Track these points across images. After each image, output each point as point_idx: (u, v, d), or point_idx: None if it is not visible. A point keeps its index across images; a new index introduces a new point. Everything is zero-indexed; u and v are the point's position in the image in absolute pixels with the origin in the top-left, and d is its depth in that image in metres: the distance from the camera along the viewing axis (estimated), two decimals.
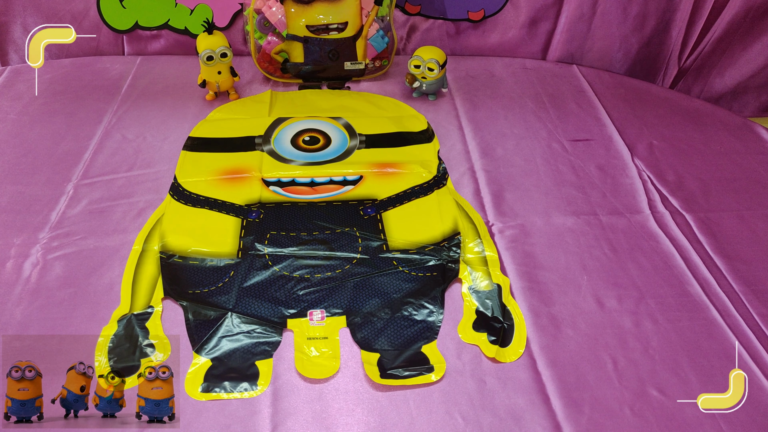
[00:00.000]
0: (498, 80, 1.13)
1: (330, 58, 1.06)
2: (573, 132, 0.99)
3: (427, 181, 0.85)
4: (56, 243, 0.74)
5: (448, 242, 0.76)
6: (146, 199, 0.82)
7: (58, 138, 0.93)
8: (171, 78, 1.09)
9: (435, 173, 0.86)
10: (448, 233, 0.77)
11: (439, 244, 0.75)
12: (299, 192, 0.83)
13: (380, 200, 0.81)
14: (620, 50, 1.20)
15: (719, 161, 0.94)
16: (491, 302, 0.69)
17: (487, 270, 0.73)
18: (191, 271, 0.70)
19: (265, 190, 0.82)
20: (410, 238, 0.76)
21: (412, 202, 0.82)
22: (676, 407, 0.60)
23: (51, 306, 0.67)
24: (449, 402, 0.60)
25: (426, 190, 0.84)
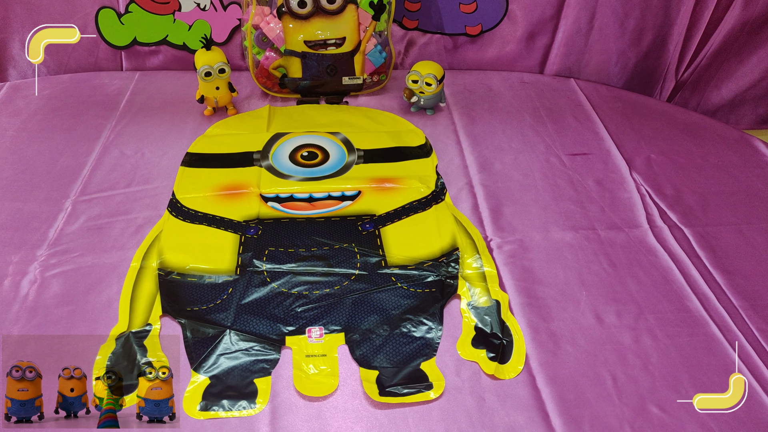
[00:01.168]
0: (495, 94, 1.13)
1: (328, 73, 1.07)
2: (571, 146, 0.99)
3: (426, 196, 0.85)
4: (54, 260, 0.74)
5: (447, 258, 0.75)
6: (144, 215, 0.82)
7: (57, 154, 0.93)
8: (169, 93, 1.10)
9: (433, 188, 0.86)
10: (447, 249, 0.77)
11: (437, 259, 0.75)
12: (297, 207, 0.83)
13: (378, 215, 0.81)
14: (617, 64, 1.20)
15: (717, 175, 0.94)
16: (490, 318, 0.69)
17: (485, 286, 0.72)
18: (189, 288, 0.70)
19: (264, 206, 0.82)
20: (409, 254, 0.76)
21: (411, 217, 0.82)
22: (676, 424, 0.60)
23: (49, 324, 0.66)
24: (448, 420, 0.59)
25: (424, 205, 0.84)
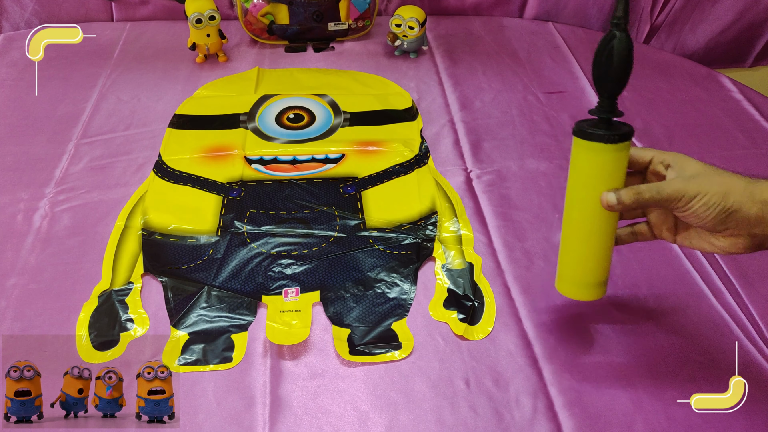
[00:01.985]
0: (476, 38, 1.17)
1: (314, 19, 1.10)
2: (547, 85, 1.04)
3: (409, 159, 0.87)
4: (62, 197, 0.79)
5: (425, 221, 0.77)
6: (144, 155, 0.86)
7: (56, 101, 0.97)
8: (161, 43, 1.13)
9: (417, 152, 0.88)
10: (426, 212, 0.78)
11: (416, 222, 0.77)
12: (281, 170, 0.84)
13: (360, 178, 0.83)
14: (594, 6, 1.24)
15: (683, 109, 1.00)
16: (463, 281, 0.70)
17: (460, 249, 0.74)
18: (171, 248, 0.73)
19: (247, 168, 0.84)
20: (388, 217, 0.77)
21: (392, 180, 0.83)
22: (633, 324, 0.67)
23: (62, 252, 0.72)
24: (428, 339, 0.66)
25: (407, 169, 0.85)
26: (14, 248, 0.72)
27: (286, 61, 1.10)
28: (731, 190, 0.48)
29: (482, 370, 0.62)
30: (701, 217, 0.48)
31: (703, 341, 0.65)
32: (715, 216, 0.47)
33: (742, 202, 0.47)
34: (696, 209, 0.48)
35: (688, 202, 0.48)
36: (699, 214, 0.48)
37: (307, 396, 0.59)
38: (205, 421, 0.56)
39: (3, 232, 0.74)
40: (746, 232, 0.49)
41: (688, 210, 0.48)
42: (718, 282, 0.71)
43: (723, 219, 0.48)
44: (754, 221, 0.47)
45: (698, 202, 0.47)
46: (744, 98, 1.03)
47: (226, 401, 0.58)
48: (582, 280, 0.59)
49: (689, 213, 0.48)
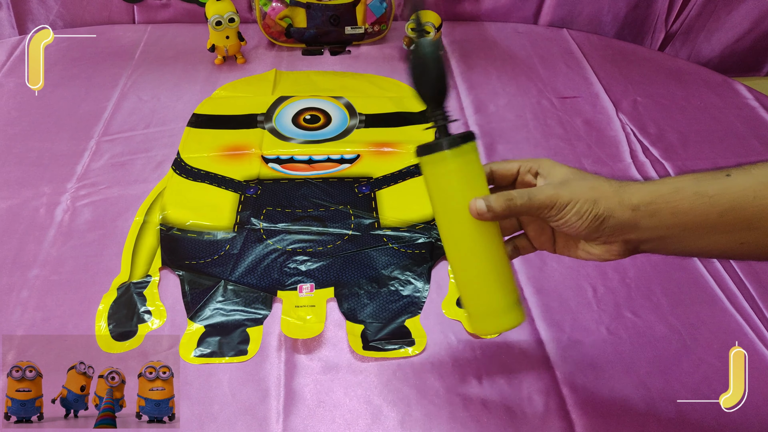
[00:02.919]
0: (491, 43, 1.18)
1: (331, 23, 1.12)
2: (561, 90, 1.05)
3: None
4: (83, 192, 0.81)
5: None
6: (164, 153, 0.88)
7: (78, 100, 0.99)
8: (181, 44, 1.15)
9: None
10: None
11: (429, 222, 0.78)
12: (297, 169, 0.86)
13: (375, 179, 0.84)
14: (609, 13, 1.25)
15: (698, 115, 1.00)
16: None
17: None
18: (189, 243, 0.74)
19: (264, 167, 0.86)
20: (402, 217, 0.78)
21: (407, 181, 0.84)
22: (646, 326, 0.67)
23: (83, 246, 0.73)
24: (441, 336, 0.67)
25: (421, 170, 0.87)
26: (36, 241, 0.73)
27: (303, 63, 1.11)
28: (601, 196, 0.46)
29: (495, 368, 0.62)
30: (574, 226, 0.46)
31: (716, 344, 0.65)
32: (588, 224, 0.45)
33: (613, 208, 0.45)
34: (569, 218, 0.46)
35: (561, 210, 0.46)
36: (572, 223, 0.46)
37: (321, 389, 0.59)
38: (220, 412, 0.57)
39: (26, 225, 0.75)
40: (620, 239, 0.47)
41: (560, 219, 0.46)
42: (732, 285, 0.71)
43: (596, 227, 0.46)
44: (626, 227, 0.46)
45: (570, 209, 0.45)
46: (759, 105, 1.02)
47: (241, 393, 0.59)
48: (489, 308, 0.50)
49: (562, 222, 0.46)
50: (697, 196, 0.44)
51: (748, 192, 0.43)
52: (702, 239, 0.45)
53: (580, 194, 0.46)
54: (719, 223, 0.44)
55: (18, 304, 0.66)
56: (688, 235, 0.45)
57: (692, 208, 0.44)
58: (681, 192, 0.45)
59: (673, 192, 0.45)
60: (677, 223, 0.45)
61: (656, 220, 0.45)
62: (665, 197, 0.45)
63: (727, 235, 0.44)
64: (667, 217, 0.45)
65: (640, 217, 0.45)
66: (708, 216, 0.44)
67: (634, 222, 0.45)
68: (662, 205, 0.45)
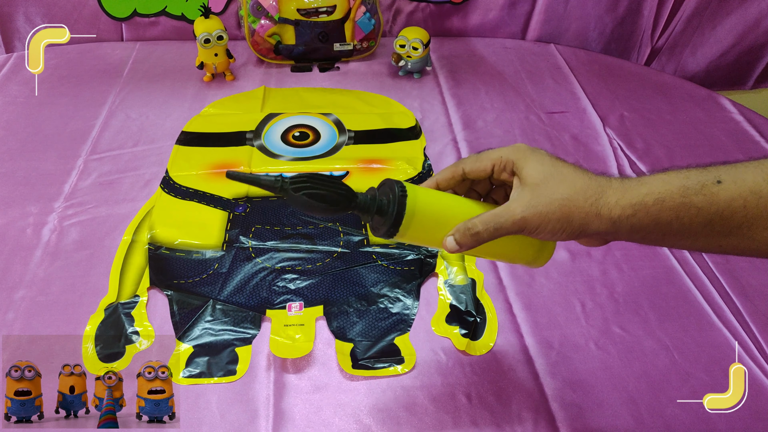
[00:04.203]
0: (479, 59, 1.19)
1: (320, 39, 1.12)
2: (549, 105, 1.06)
3: (412, 177, 0.88)
4: (71, 211, 0.80)
5: None
6: (152, 171, 0.88)
7: (66, 118, 0.99)
8: (169, 62, 1.15)
9: (420, 169, 0.89)
10: None
11: None
12: None
13: None
14: (595, 30, 1.27)
15: (684, 129, 1.01)
16: (465, 296, 0.71)
17: (463, 265, 0.75)
18: (178, 262, 0.74)
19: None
20: None
21: None
22: (635, 341, 0.67)
23: (70, 266, 0.73)
24: (431, 354, 0.66)
25: None
26: (23, 261, 0.73)
27: (292, 80, 1.12)
28: (575, 211, 0.44)
29: (484, 385, 0.62)
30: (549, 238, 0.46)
31: (704, 358, 0.65)
32: (565, 237, 0.45)
33: (589, 221, 0.44)
34: (542, 236, 0.45)
35: (532, 232, 0.45)
36: (547, 237, 0.46)
37: (310, 409, 0.59)
38: None
39: (12, 246, 0.75)
40: (597, 239, 0.48)
41: (533, 235, 0.46)
42: (719, 299, 0.72)
43: (573, 238, 0.46)
44: (604, 234, 0.45)
45: (543, 229, 0.45)
46: (744, 119, 1.04)
47: (229, 414, 0.58)
48: (527, 255, 0.52)
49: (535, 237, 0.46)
50: (683, 206, 0.43)
51: (737, 202, 0.42)
52: (681, 242, 0.45)
53: (551, 214, 0.44)
54: (702, 231, 0.43)
55: (3, 326, 0.65)
56: (667, 239, 0.45)
57: (676, 218, 0.43)
58: (666, 202, 0.43)
59: (657, 202, 0.43)
60: (658, 230, 0.44)
61: (636, 228, 0.44)
62: (647, 208, 0.44)
63: (708, 239, 0.43)
64: (647, 225, 0.44)
65: (619, 227, 0.44)
66: (691, 225, 0.43)
67: (614, 230, 0.45)
68: (644, 217, 0.44)
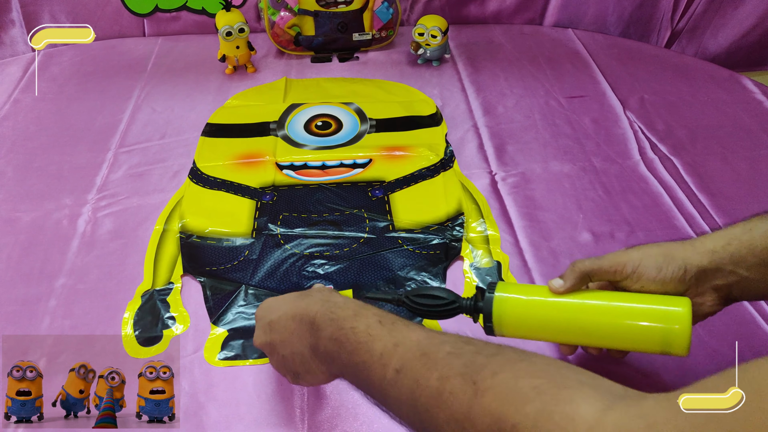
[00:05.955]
0: (497, 45, 1.20)
1: (339, 30, 1.14)
2: (569, 90, 1.06)
3: (434, 163, 0.89)
4: (104, 203, 0.83)
5: (452, 222, 0.79)
6: (180, 162, 0.90)
7: (94, 113, 1.01)
8: (192, 56, 1.17)
9: (442, 156, 0.90)
10: (453, 213, 0.80)
11: (443, 224, 0.79)
12: (311, 175, 0.87)
13: (388, 182, 0.86)
14: (614, 13, 1.26)
15: (706, 110, 1.01)
16: (491, 279, 0.72)
17: (488, 248, 0.76)
18: (209, 250, 0.75)
19: (279, 174, 0.87)
20: (416, 219, 0.80)
21: (419, 184, 0.86)
22: None
23: (106, 255, 0.75)
24: None
25: (433, 173, 0.87)
26: (61, 251, 0.75)
27: (312, 71, 1.13)
28: (673, 250, 0.47)
29: None
30: (658, 279, 0.46)
31: (729, 336, 0.66)
32: (672, 275, 0.46)
33: (689, 256, 0.46)
34: (648, 272, 0.46)
35: (636, 267, 0.47)
36: (653, 276, 0.46)
37: (343, 387, 0.61)
38: (247, 413, 0.58)
39: (51, 237, 0.77)
40: (708, 287, 0.47)
41: (640, 275, 0.47)
42: None
43: (680, 277, 0.46)
44: (710, 272, 0.46)
45: (647, 265, 0.46)
46: (767, 99, 1.03)
47: (265, 393, 0.60)
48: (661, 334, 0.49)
49: (645, 277, 0.47)
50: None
51: None
52: None
53: (650, 251, 0.48)
54: None
55: (46, 312, 0.68)
56: None
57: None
58: (754, 231, 0.46)
59: (747, 231, 0.46)
60: (759, 261, 0.46)
61: (737, 259, 0.46)
62: (739, 237, 0.46)
63: None
64: (746, 255, 0.46)
65: (720, 259, 0.46)
66: None
67: (716, 266, 0.46)
68: (738, 245, 0.46)
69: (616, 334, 0.48)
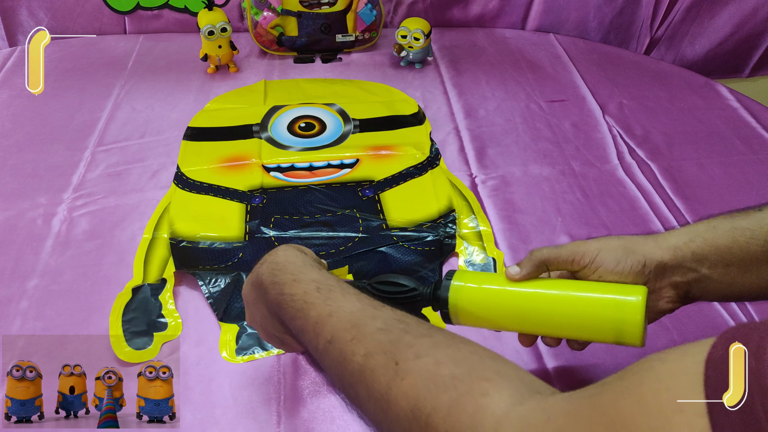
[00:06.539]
0: (480, 49, 1.20)
1: (322, 31, 1.13)
2: (549, 94, 1.07)
3: (421, 161, 0.89)
4: (80, 202, 0.82)
5: (444, 219, 0.80)
6: (159, 162, 0.89)
7: (72, 111, 1.00)
8: (173, 54, 1.16)
9: (428, 154, 0.91)
10: (444, 210, 0.81)
11: (435, 221, 0.79)
12: (299, 176, 0.87)
13: (377, 181, 0.86)
14: (595, 19, 1.28)
15: (683, 117, 1.02)
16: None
17: (482, 244, 0.77)
18: (202, 252, 0.74)
19: (266, 176, 0.86)
20: (408, 217, 0.80)
21: (408, 182, 0.86)
22: None
23: (81, 255, 0.74)
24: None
25: (420, 171, 0.88)
26: (35, 251, 0.74)
27: (295, 71, 1.13)
28: (635, 243, 0.46)
29: None
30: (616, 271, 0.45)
31: (702, 338, 0.67)
32: (631, 268, 0.45)
33: (651, 250, 0.46)
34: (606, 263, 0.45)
35: (594, 257, 0.46)
36: (612, 268, 0.45)
37: (319, 390, 0.60)
38: (222, 416, 0.58)
39: (24, 236, 0.76)
40: (666, 283, 0.47)
41: (598, 265, 0.46)
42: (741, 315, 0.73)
43: (639, 270, 0.45)
44: (670, 268, 0.46)
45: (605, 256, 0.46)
46: (741, 106, 1.05)
47: (242, 396, 0.60)
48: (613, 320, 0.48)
49: (602, 268, 0.46)
50: (735, 230, 0.45)
51: None
52: (748, 274, 0.45)
53: (610, 243, 0.47)
54: (762, 254, 0.44)
55: (18, 314, 0.66)
56: (733, 272, 0.45)
57: (733, 242, 0.44)
58: (718, 229, 0.45)
59: (710, 229, 0.45)
60: (720, 260, 0.45)
61: (699, 257, 0.45)
62: (702, 234, 0.46)
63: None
64: (708, 253, 0.45)
65: (682, 255, 0.45)
66: (749, 248, 0.44)
67: (677, 262, 0.45)
68: (701, 242, 0.45)
69: (569, 323, 0.48)
